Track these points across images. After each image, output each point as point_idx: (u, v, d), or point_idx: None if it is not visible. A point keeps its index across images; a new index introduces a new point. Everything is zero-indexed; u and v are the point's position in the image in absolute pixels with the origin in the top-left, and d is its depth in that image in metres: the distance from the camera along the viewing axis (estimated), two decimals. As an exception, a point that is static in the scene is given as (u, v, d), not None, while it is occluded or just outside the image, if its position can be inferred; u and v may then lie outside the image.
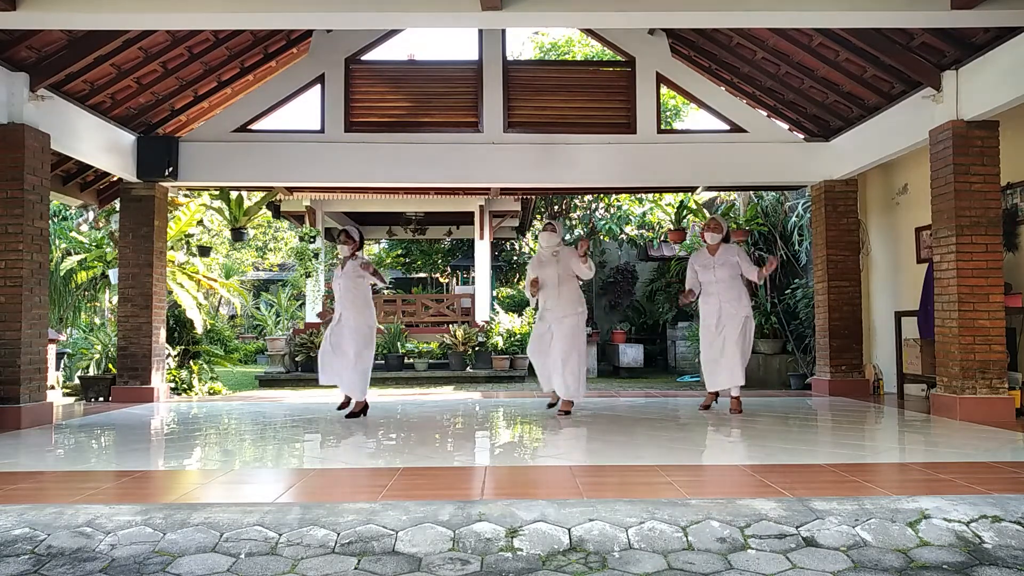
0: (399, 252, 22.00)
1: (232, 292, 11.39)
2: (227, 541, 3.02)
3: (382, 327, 12.90)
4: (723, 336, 6.63)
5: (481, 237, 13.88)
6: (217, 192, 10.30)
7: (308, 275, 13.16)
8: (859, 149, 8.05)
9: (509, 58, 9.03)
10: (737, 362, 6.58)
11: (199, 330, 9.71)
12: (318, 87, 8.60)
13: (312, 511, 3.24)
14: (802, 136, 8.83)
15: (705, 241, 6.83)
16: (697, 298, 6.91)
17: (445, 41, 44.58)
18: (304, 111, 37.44)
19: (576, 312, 6.63)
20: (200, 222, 10.50)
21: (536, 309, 6.92)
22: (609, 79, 8.99)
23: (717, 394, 7.03)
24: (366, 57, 8.78)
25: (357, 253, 6.72)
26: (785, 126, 9.03)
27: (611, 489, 3.73)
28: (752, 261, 6.89)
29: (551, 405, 6.99)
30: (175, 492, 3.77)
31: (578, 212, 15.28)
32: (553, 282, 6.63)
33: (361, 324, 6.58)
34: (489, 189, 11.26)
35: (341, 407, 6.82)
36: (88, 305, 11.62)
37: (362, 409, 6.68)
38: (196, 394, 9.37)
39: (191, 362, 9.71)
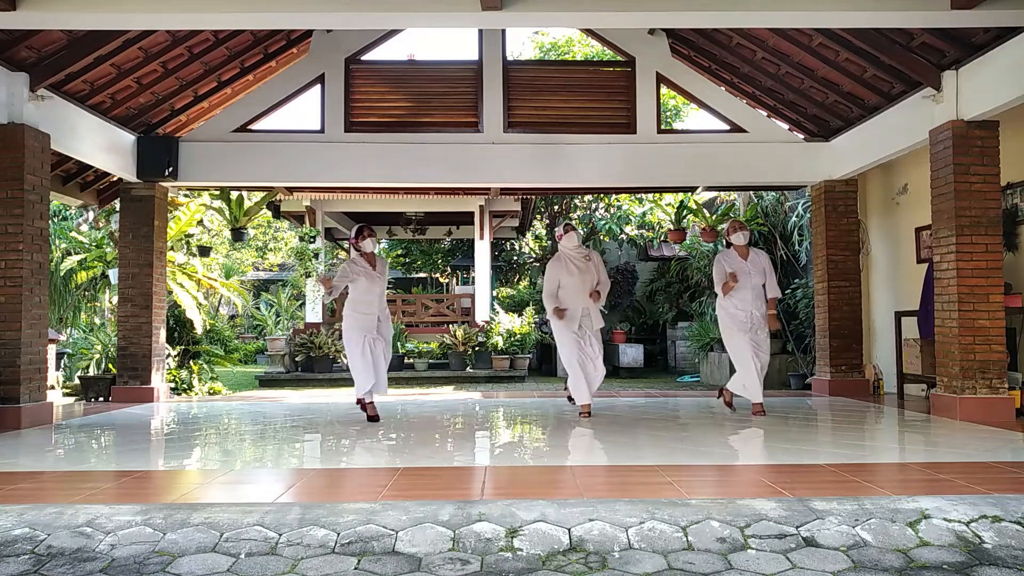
0: (399, 252, 22.00)
1: (232, 292, 11.39)
2: (227, 541, 3.02)
3: None
4: (759, 344, 6.38)
5: (481, 237, 13.88)
6: (217, 192, 10.30)
7: (308, 275, 13.15)
8: (859, 149, 8.05)
9: (509, 58, 9.03)
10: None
11: (199, 330, 9.71)
12: (318, 87, 8.60)
13: (312, 511, 3.24)
14: (802, 136, 8.83)
15: (731, 245, 6.55)
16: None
17: (445, 41, 44.58)
18: (304, 111, 37.45)
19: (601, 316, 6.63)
20: (200, 222, 10.51)
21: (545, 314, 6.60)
22: (609, 79, 8.99)
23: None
24: (366, 57, 8.78)
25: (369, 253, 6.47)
26: (785, 126, 9.03)
27: (611, 489, 3.73)
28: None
29: (588, 413, 6.51)
30: (175, 492, 3.77)
31: (578, 212, 15.29)
32: (590, 287, 6.48)
33: (390, 326, 6.51)
34: (489, 189, 11.26)
35: (374, 418, 6.38)
36: (88, 305, 11.62)
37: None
38: (196, 394, 9.37)
39: (191, 362, 9.71)
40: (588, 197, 14.78)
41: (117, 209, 9.03)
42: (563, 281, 6.51)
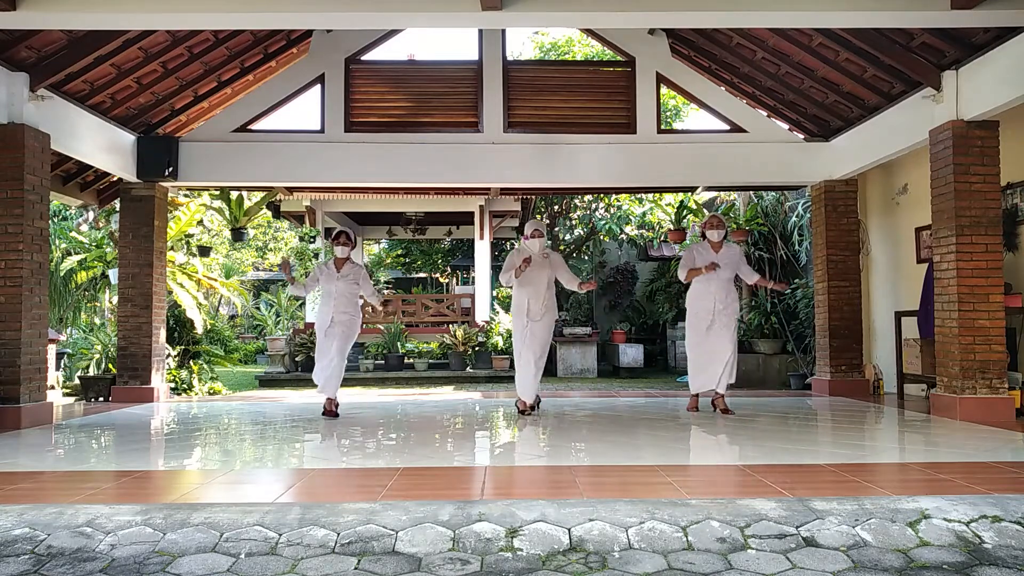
0: (399, 252, 22.00)
1: (232, 292, 11.39)
2: (227, 541, 3.02)
3: (380, 326, 12.93)
4: (715, 337, 6.54)
5: (481, 237, 13.88)
6: (217, 192, 10.30)
7: (308, 275, 13.16)
8: (859, 149, 8.05)
9: (509, 58, 9.03)
10: (732, 362, 6.57)
11: (199, 330, 9.71)
12: (318, 87, 8.60)
13: (312, 511, 3.24)
14: (802, 136, 8.83)
15: (706, 238, 6.72)
16: (686, 289, 6.89)
17: (445, 41, 44.58)
18: (304, 111, 37.45)
19: (555, 314, 6.78)
20: (200, 222, 10.51)
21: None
22: (609, 79, 8.99)
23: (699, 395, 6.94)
24: (366, 57, 8.78)
25: (352, 257, 6.75)
26: (785, 126, 9.03)
27: (611, 489, 3.72)
28: (751, 264, 6.88)
29: (527, 413, 6.72)
30: (175, 492, 3.77)
31: (578, 212, 15.28)
32: (543, 284, 6.62)
33: (354, 326, 6.65)
34: (489, 189, 11.26)
35: (331, 414, 6.62)
36: (88, 305, 11.63)
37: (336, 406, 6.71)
38: (196, 394, 9.37)
39: (191, 362, 9.71)
40: (588, 197, 14.76)
41: (117, 209, 9.03)
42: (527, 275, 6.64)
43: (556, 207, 15.25)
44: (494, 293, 15.59)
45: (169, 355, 9.24)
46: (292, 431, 5.92)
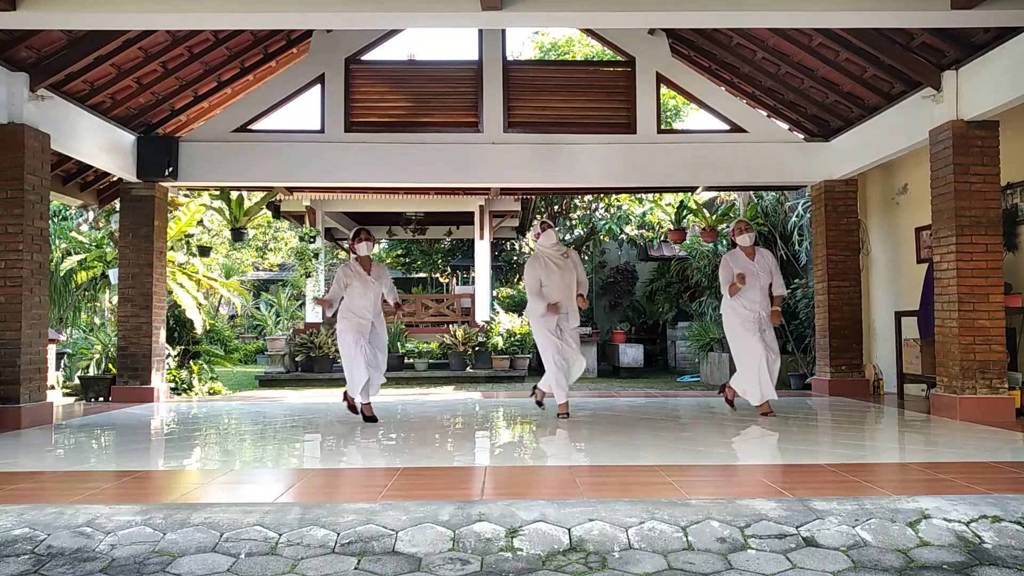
0: (399, 252, 21.99)
1: (232, 292, 11.39)
2: (227, 541, 3.02)
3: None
4: (767, 346, 6.33)
5: (481, 237, 13.88)
6: (217, 192, 10.30)
7: (308, 275, 13.17)
8: (859, 149, 8.05)
9: (509, 58, 9.03)
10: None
11: (199, 330, 9.71)
12: (318, 87, 8.60)
13: (312, 511, 3.24)
14: (802, 136, 8.83)
15: (736, 244, 6.59)
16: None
17: (445, 41, 44.58)
18: (304, 111, 37.45)
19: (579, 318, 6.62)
20: (200, 222, 10.51)
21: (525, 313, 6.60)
22: (609, 79, 8.99)
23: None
24: (366, 57, 8.78)
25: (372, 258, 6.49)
26: (785, 126, 9.03)
27: (611, 489, 3.72)
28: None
29: (567, 415, 6.49)
30: (175, 492, 3.77)
31: (578, 212, 15.28)
32: (572, 288, 6.47)
33: (385, 330, 6.48)
34: (489, 189, 11.26)
35: (372, 418, 6.37)
36: (88, 305, 11.62)
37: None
38: (196, 394, 9.37)
39: (191, 362, 9.71)
40: (588, 197, 14.77)
41: (117, 209, 9.03)
42: (543, 281, 6.45)
43: (556, 207, 15.26)
44: (494, 293, 15.59)
45: (169, 355, 9.24)
46: (292, 431, 5.92)
